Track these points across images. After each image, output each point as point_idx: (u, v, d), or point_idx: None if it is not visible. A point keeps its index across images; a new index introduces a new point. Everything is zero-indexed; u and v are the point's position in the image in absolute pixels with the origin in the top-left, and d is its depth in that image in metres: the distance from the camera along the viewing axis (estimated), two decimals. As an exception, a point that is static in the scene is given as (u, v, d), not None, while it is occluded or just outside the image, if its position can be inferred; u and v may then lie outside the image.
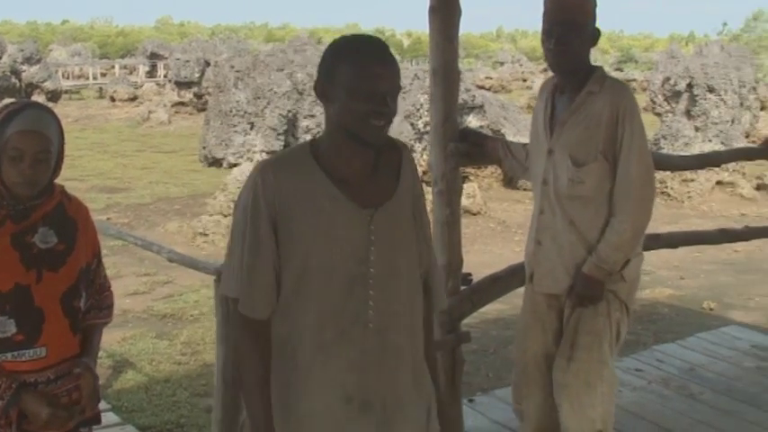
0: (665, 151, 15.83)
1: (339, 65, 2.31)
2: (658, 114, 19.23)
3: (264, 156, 15.38)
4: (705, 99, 18.00)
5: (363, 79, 2.26)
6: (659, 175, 16.04)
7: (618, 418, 4.67)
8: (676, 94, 18.64)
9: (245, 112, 15.17)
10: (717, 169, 16.14)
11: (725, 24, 65.67)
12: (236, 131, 15.10)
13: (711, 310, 9.50)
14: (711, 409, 4.96)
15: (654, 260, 10.74)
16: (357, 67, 2.28)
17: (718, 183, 16.81)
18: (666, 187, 16.44)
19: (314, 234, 2.32)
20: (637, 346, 7.26)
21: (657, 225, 11.95)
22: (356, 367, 2.38)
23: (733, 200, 16.48)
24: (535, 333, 3.78)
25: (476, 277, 4.42)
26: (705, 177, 16.49)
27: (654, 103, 19.73)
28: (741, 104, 18.40)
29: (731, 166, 16.23)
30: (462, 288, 4.31)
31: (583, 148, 3.55)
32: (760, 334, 6.53)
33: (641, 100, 24.59)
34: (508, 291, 4.46)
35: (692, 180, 16.36)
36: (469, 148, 4.25)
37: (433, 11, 4.29)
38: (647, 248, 5.38)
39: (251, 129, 15.20)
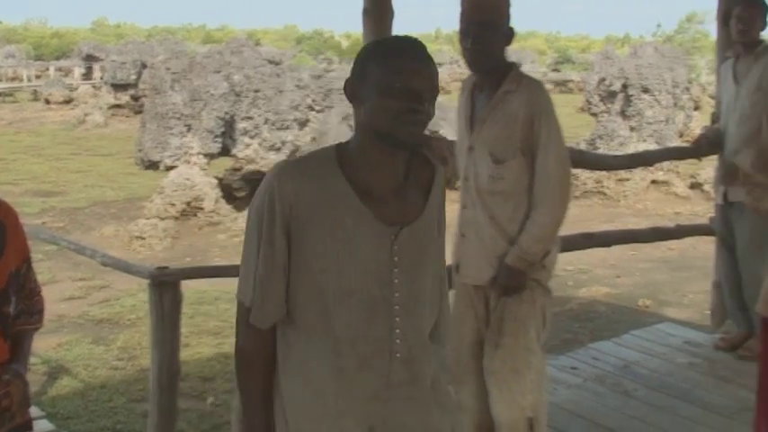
0: (600, 151, 16.00)
1: (371, 63, 2.19)
2: (594, 115, 19.43)
3: (201, 158, 15.28)
4: (640, 99, 18.22)
5: (397, 75, 2.12)
6: (596, 174, 16.36)
7: (553, 416, 4.72)
8: (611, 95, 18.84)
9: (182, 115, 15.04)
10: (652, 168, 16.37)
11: (659, 26, 66.47)
12: (172, 134, 14.96)
13: (647, 307, 9.65)
14: (645, 405, 5.01)
15: (590, 259, 10.88)
16: (390, 62, 2.15)
17: (654, 182, 17.05)
18: (603, 187, 16.64)
19: (331, 251, 2.16)
20: (574, 344, 7.35)
21: (594, 224, 12.20)
22: (381, 398, 2.22)
23: (668, 198, 16.73)
24: (468, 321, 3.86)
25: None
26: (640, 177, 16.72)
27: (590, 103, 19.92)
28: (675, 104, 18.67)
29: (666, 165, 16.46)
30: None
31: (502, 146, 3.65)
32: (693, 330, 6.61)
33: (578, 100, 24.91)
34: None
35: (628, 179, 16.57)
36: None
37: (367, 13, 4.32)
38: (581, 247, 5.47)
39: (188, 131, 15.08)
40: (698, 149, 6.19)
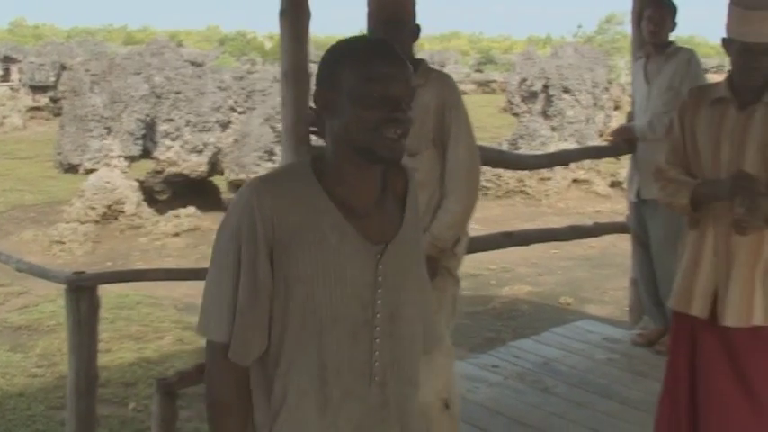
0: (522, 151, 16.16)
1: (342, 70, 2.01)
2: (516, 115, 19.61)
3: (122, 161, 15.09)
4: (560, 99, 18.45)
5: (372, 83, 1.96)
6: (518, 174, 16.52)
7: (474, 414, 4.77)
8: (533, 95, 19.04)
9: (102, 117, 14.84)
10: (573, 168, 16.60)
11: (579, 26, 67.35)
12: (92, 137, 14.74)
13: (568, 304, 9.77)
14: (565, 401, 5.08)
15: (513, 258, 10.97)
16: (364, 69, 1.98)
17: (575, 181, 17.28)
18: (525, 186, 16.82)
19: (318, 273, 1.99)
20: (497, 342, 7.41)
21: (516, 223, 12.31)
22: (361, 427, 2.09)
23: (588, 197, 16.97)
24: None
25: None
26: (562, 176, 16.93)
27: (511, 103, 20.11)
28: (595, 104, 18.93)
29: (587, 164, 16.70)
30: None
31: (415, 138, 3.57)
32: (611, 327, 6.71)
33: (500, 101, 25.12)
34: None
35: (550, 179, 16.77)
36: None
37: (283, 14, 4.30)
38: (501, 246, 5.52)
39: (108, 134, 14.88)
40: (615, 148, 6.31)
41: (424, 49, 48.73)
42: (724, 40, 3.62)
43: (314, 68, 4.77)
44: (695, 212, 3.64)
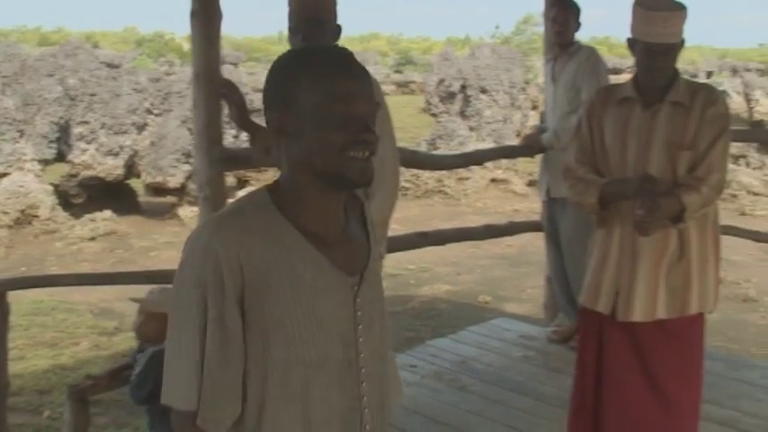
0: (440, 151, 16.25)
1: (298, 88, 1.81)
2: (434, 115, 19.71)
3: (35, 164, 14.80)
4: (478, 100, 18.60)
5: (335, 101, 1.78)
6: (437, 174, 16.62)
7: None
8: (451, 96, 19.16)
9: (14, 120, 14.54)
10: (491, 167, 16.74)
11: (497, 27, 68.10)
12: (4, 140, 14.43)
13: (487, 303, 9.84)
14: (481, 399, 5.13)
15: (432, 257, 11.02)
16: (324, 86, 1.79)
17: (493, 180, 17.43)
18: (444, 186, 16.91)
19: (297, 315, 1.78)
20: (416, 342, 7.42)
21: (435, 223, 12.38)
22: None
23: (506, 196, 17.12)
24: None
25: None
26: (480, 175, 17.07)
27: (430, 104, 20.21)
28: (512, 104, 19.13)
29: (504, 164, 16.87)
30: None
31: None
32: (527, 324, 6.80)
33: (419, 101, 25.20)
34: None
35: (468, 178, 16.89)
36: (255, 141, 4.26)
37: (194, 15, 4.28)
38: (416, 246, 5.54)
39: (20, 137, 14.58)
40: (528, 148, 6.39)
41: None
42: (629, 40, 3.70)
43: (226, 70, 4.79)
44: (603, 211, 3.71)
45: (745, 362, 6.41)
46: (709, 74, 32.20)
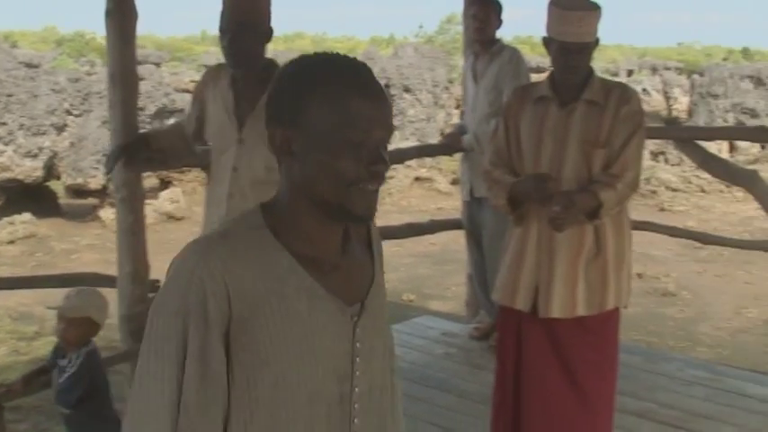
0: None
1: (308, 105, 1.61)
2: (357, 114, 19.70)
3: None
4: (402, 99, 18.65)
5: (349, 126, 1.57)
6: (361, 173, 16.55)
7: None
8: (375, 95, 19.18)
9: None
10: (415, 166, 16.80)
11: (421, 27, 68.27)
12: None
13: (411, 301, 9.88)
14: (405, 397, 5.07)
15: (356, 256, 11.01)
16: (339, 106, 1.58)
17: (417, 179, 17.48)
18: (367, 184, 16.90)
19: (287, 351, 1.61)
20: (339, 341, 7.42)
21: (359, 222, 12.31)
22: None
23: (431, 194, 17.19)
24: None
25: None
26: (404, 174, 17.10)
27: (354, 103, 20.19)
28: (435, 103, 19.23)
29: (428, 162, 16.94)
30: (150, 295, 4.31)
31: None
32: (450, 322, 6.84)
33: (343, 101, 25.22)
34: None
35: (392, 177, 16.90)
36: (152, 153, 4.25)
37: (109, 14, 4.24)
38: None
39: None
40: (448, 147, 6.43)
41: (267, 49, 48.39)
42: (544, 39, 3.75)
43: (147, 70, 4.75)
44: (514, 211, 3.75)
45: (663, 355, 6.54)
46: (630, 72, 32.61)
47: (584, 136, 3.68)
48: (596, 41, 3.70)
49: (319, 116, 1.59)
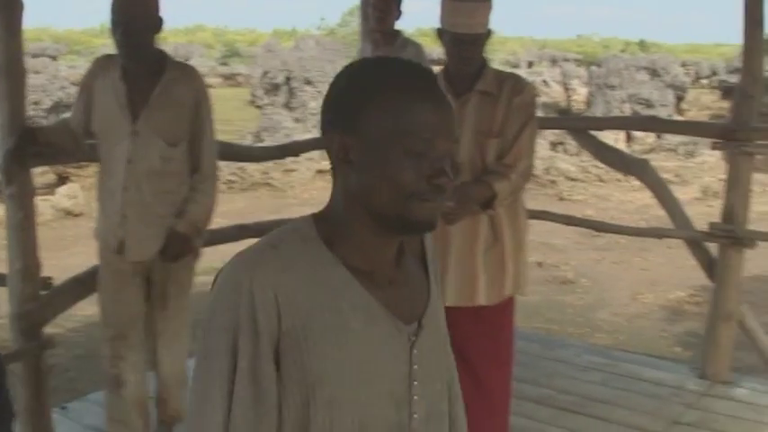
0: (266, 143, 16.16)
1: (370, 111, 1.49)
2: (259, 107, 19.62)
3: None
4: (303, 91, 18.64)
5: (413, 135, 1.47)
6: (263, 166, 16.52)
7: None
8: (275, 88, 19.13)
9: None
10: (317, 158, 16.75)
11: (322, 19, 68.39)
12: None
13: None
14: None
15: (258, 250, 10.95)
16: (404, 114, 1.48)
17: (319, 171, 17.42)
18: (270, 178, 16.83)
19: (342, 371, 1.50)
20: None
21: (262, 215, 12.30)
22: None
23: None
24: (130, 297, 4.09)
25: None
26: (306, 167, 17.05)
27: (255, 96, 20.11)
28: (337, 95, 19.26)
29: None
30: (43, 293, 4.24)
31: (173, 130, 3.94)
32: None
33: (246, 94, 25.06)
34: (93, 292, 4.39)
35: (295, 170, 16.85)
36: (41, 148, 4.19)
37: (-7, 6, 4.11)
38: (237, 239, 5.49)
39: None
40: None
41: (167, 42, 47.81)
42: (438, 30, 3.76)
43: (41, 63, 4.64)
44: None
45: (561, 341, 6.65)
46: (530, 64, 33.07)
47: (478, 126, 3.70)
48: (489, 33, 3.72)
49: (380, 123, 1.48)
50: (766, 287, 9.98)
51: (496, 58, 35.80)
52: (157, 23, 3.88)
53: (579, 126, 6.58)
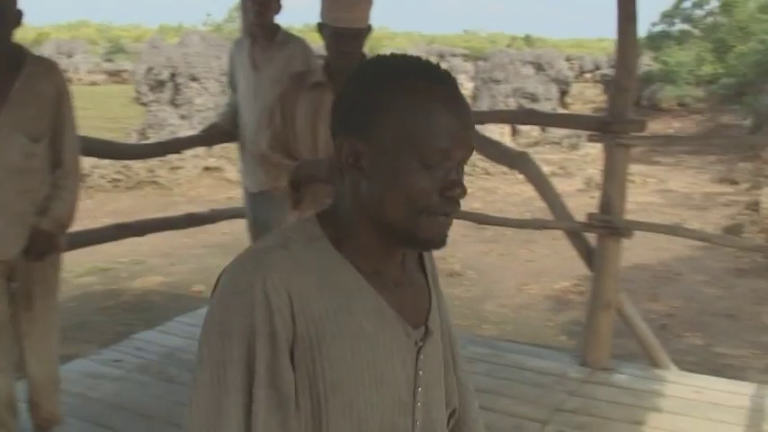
0: (152, 140, 15.94)
1: (386, 115, 1.41)
2: (144, 104, 19.33)
3: None
4: (188, 88, 18.43)
5: (429, 144, 1.39)
6: (148, 164, 16.27)
7: (96, 412, 4.67)
8: (160, 84, 18.87)
9: None
10: (203, 155, 16.61)
11: (209, 15, 67.70)
12: None
13: (201, 292, 9.75)
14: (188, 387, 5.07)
15: (145, 249, 10.80)
16: (422, 121, 1.39)
17: (206, 168, 17.26)
18: (156, 176, 16.58)
19: (357, 375, 1.43)
20: (128, 336, 7.26)
21: (148, 214, 12.13)
22: None
23: (220, 184, 17.01)
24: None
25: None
26: (193, 164, 16.86)
27: (140, 93, 19.79)
28: (223, 92, 18.99)
29: (217, 151, 16.75)
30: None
31: (36, 125, 3.85)
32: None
33: (131, 91, 24.67)
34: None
35: (181, 168, 16.65)
36: None
37: None
38: (116, 238, 5.41)
39: None
40: (208, 138, 6.33)
41: (50, 38, 46.79)
42: (318, 25, 3.76)
43: None
44: (296, 193, 3.77)
45: (448, 334, 6.69)
46: (418, 59, 33.33)
47: None
48: (369, 28, 3.75)
49: (395, 131, 1.40)
50: (645, 275, 10.28)
51: (385, 53, 35.83)
52: (16, 17, 3.77)
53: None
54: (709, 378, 5.70)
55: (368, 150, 1.42)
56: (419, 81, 1.42)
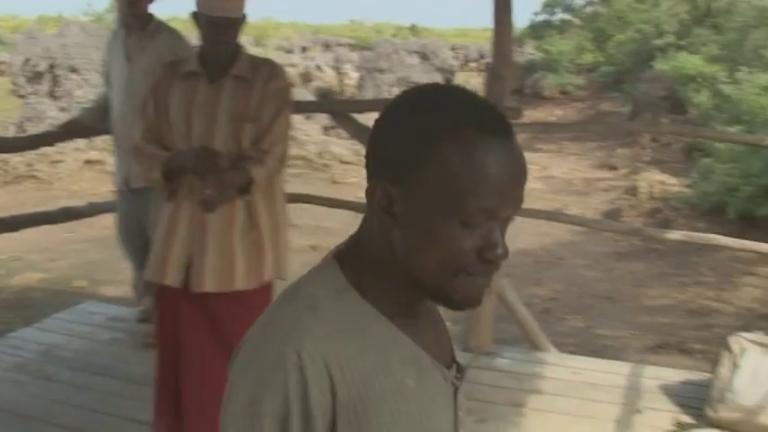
0: (30, 133, 15.53)
1: (429, 166, 1.24)
2: (22, 97, 18.80)
3: None
4: (68, 79, 17.99)
5: (476, 200, 1.23)
6: (27, 158, 15.84)
7: (-31, 413, 4.54)
8: (38, 76, 18.38)
9: None
10: (84, 148, 16.26)
11: (89, 4, 66.35)
12: None
13: (82, 288, 9.58)
14: (68, 386, 4.98)
15: (23, 245, 10.55)
16: (474, 183, 1.23)
17: (88, 162, 16.89)
18: (35, 170, 16.15)
19: None
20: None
21: (27, 209, 11.82)
22: None
23: (102, 177, 16.64)
24: None
25: None
26: (73, 157, 16.49)
27: (17, 85, 19.25)
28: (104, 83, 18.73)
29: (99, 144, 16.39)
30: None
31: None
32: (116, 306, 6.70)
33: (7, 83, 23.99)
34: None
35: (62, 161, 16.27)
36: None
37: None
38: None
39: None
40: (66, 133, 6.23)
41: None
42: (194, 14, 3.75)
43: None
44: (169, 184, 3.73)
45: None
46: (304, 49, 33.23)
47: (233, 111, 3.72)
48: (244, 17, 3.75)
49: (438, 183, 1.24)
50: (528, 261, 10.46)
51: (270, 43, 35.75)
52: None
53: (339, 109, 6.70)
54: (588, 359, 5.85)
55: (403, 197, 1.27)
56: (471, 129, 1.24)
